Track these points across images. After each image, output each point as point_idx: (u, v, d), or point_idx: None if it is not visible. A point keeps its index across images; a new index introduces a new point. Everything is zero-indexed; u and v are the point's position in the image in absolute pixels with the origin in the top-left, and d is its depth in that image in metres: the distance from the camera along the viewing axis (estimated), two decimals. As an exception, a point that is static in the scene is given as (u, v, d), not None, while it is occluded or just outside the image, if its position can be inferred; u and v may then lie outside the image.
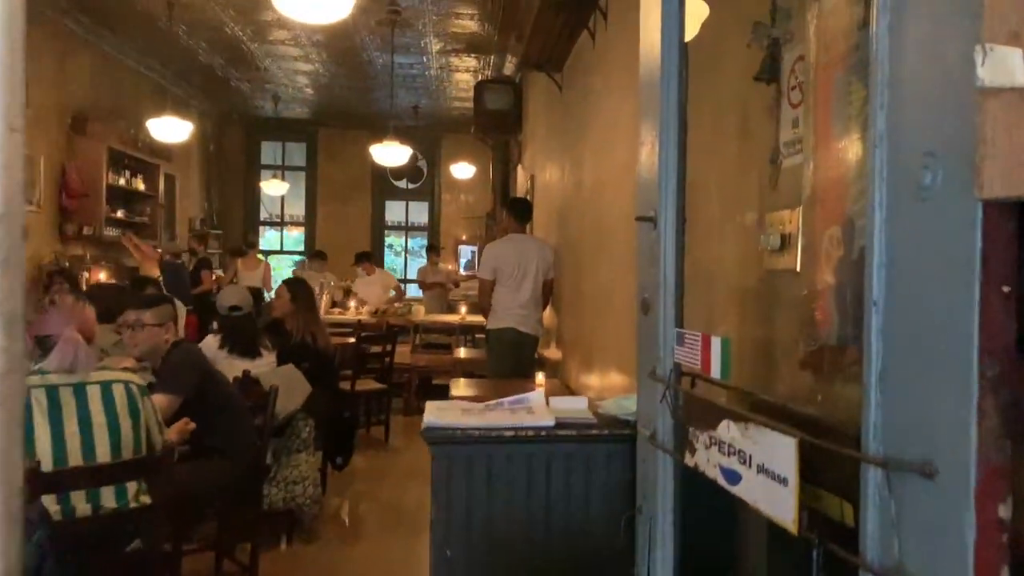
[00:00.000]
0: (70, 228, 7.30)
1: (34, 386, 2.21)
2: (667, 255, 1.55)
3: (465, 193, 12.28)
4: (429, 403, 1.98)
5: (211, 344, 4.18)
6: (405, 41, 7.69)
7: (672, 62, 1.52)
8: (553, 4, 4.07)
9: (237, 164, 12.12)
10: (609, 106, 3.65)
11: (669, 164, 1.54)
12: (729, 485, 1.23)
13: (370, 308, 8.25)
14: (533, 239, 5.45)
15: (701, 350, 1.43)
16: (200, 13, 7.02)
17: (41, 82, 6.80)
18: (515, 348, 4.93)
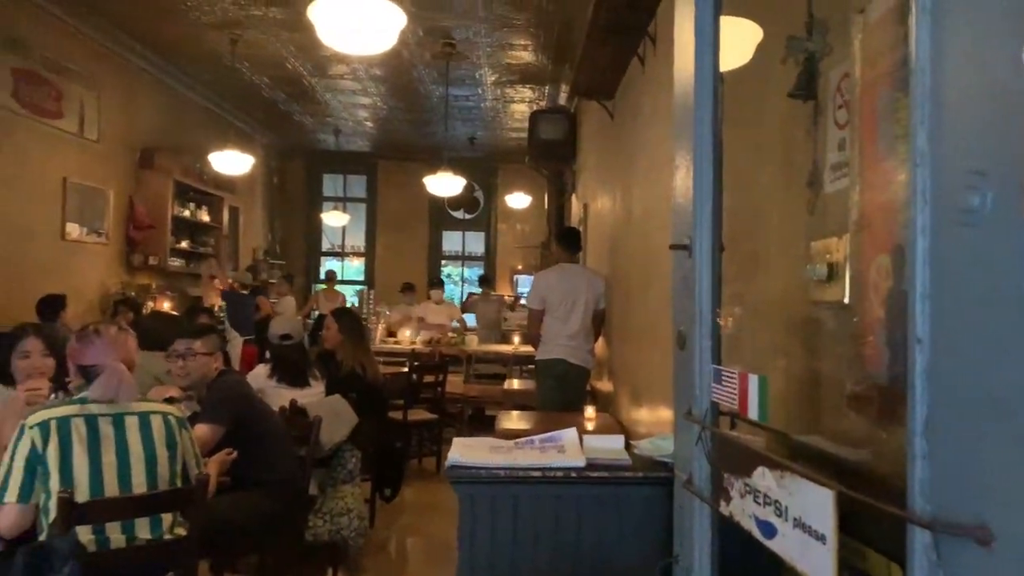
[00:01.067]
0: (136, 259, 7.53)
1: (74, 415, 2.22)
2: (703, 285, 1.45)
3: (520, 223, 12.28)
4: (456, 440, 1.91)
5: (260, 374, 4.21)
6: (460, 73, 7.76)
7: (706, 84, 1.44)
8: (602, 31, 4.02)
9: (299, 196, 12.40)
10: (657, 132, 3.56)
11: (704, 189, 1.45)
12: (764, 538, 1.12)
13: (424, 338, 8.25)
14: (583, 269, 5.36)
15: (739, 389, 1.32)
16: (262, 49, 7.22)
17: (111, 118, 7.08)
18: (564, 380, 4.83)
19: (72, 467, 2.15)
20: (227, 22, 6.52)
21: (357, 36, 3.30)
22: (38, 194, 6.14)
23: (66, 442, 2.15)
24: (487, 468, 1.70)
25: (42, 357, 3.01)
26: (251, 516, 3.04)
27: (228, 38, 6.84)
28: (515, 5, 6.01)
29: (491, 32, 6.63)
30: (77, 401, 2.26)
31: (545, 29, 6.50)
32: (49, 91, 6.21)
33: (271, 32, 6.75)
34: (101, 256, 7.08)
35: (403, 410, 5.80)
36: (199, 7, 6.21)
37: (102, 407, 2.27)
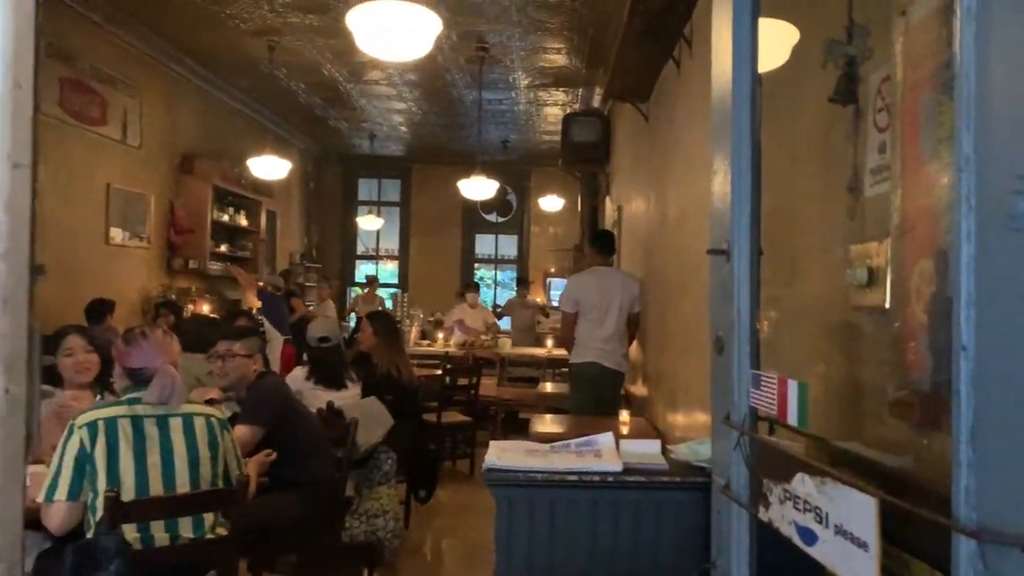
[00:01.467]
0: (177, 262, 7.68)
1: (120, 416, 2.28)
2: (741, 290, 1.45)
3: (554, 225, 12.29)
4: (492, 443, 1.92)
5: (298, 375, 4.27)
6: (494, 77, 7.79)
7: (744, 87, 1.44)
8: (637, 34, 4.02)
9: (335, 200, 12.54)
10: (692, 135, 3.55)
11: (742, 193, 1.45)
12: (804, 545, 1.11)
13: (458, 340, 8.29)
14: (617, 272, 5.35)
15: (778, 394, 1.32)
16: (299, 56, 7.32)
17: (152, 125, 7.24)
18: (598, 383, 4.82)
19: (119, 467, 2.21)
20: (265, 29, 6.63)
21: (394, 42, 3.34)
22: (83, 199, 6.29)
23: (113, 442, 2.21)
24: (524, 471, 1.71)
25: (85, 353, 3.10)
26: (289, 516, 3.09)
27: (266, 45, 6.95)
28: (549, 9, 6.02)
29: (524, 36, 6.65)
30: (124, 402, 2.32)
31: (579, 32, 6.49)
32: (94, 99, 6.37)
33: (308, 39, 6.85)
34: (143, 260, 7.23)
35: (437, 412, 5.83)
36: (238, 15, 6.32)
37: (147, 408, 2.32)
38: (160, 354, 2.42)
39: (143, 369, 2.37)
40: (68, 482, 2.19)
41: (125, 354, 2.41)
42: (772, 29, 1.70)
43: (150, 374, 2.33)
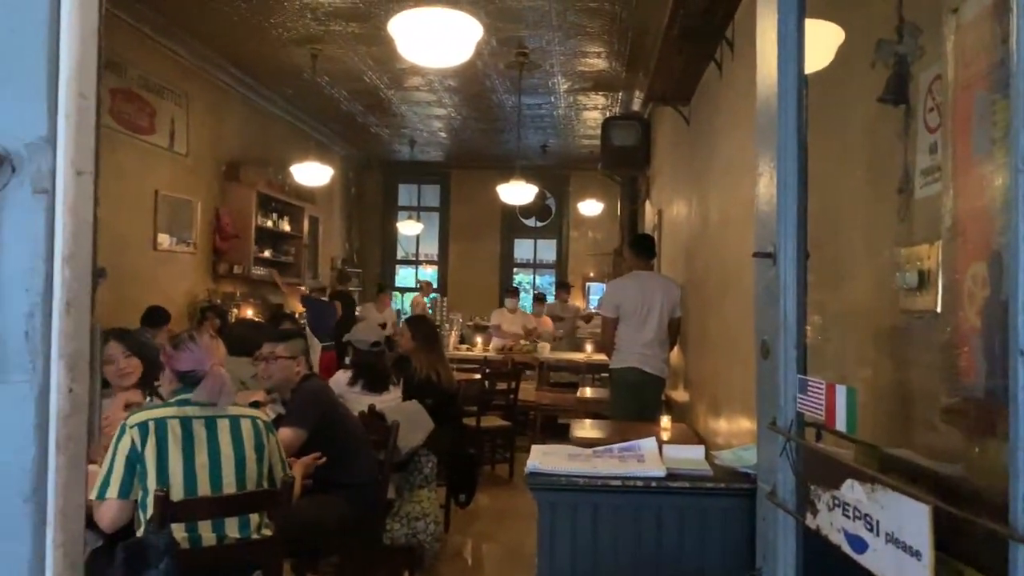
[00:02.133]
0: (222, 267, 7.83)
1: (170, 417, 2.33)
2: (787, 294, 1.43)
3: (593, 230, 12.25)
4: (534, 447, 1.92)
5: (340, 380, 4.32)
6: (533, 82, 7.80)
7: (790, 89, 1.42)
8: (678, 37, 3.99)
9: (376, 206, 12.67)
10: (734, 138, 3.51)
11: (788, 196, 1.43)
12: (854, 553, 1.09)
13: (496, 345, 8.31)
14: (658, 276, 5.32)
15: (826, 400, 1.30)
16: (341, 64, 7.42)
17: (199, 133, 7.40)
18: (639, 389, 4.78)
19: (168, 466, 2.26)
20: (308, 38, 6.73)
21: (435, 49, 3.37)
22: (132, 206, 6.46)
23: (163, 442, 2.26)
24: (567, 475, 1.70)
25: (125, 359, 3.16)
26: (332, 518, 3.13)
27: (309, 53, 7.05)
28: (588, 13, 6.02)
29: (564, 40, 6.65)
30: (174, 404, 2.37)
31: (619, 36, 6.47)
32: (143, 108, 6.54)
33: (349, 47, 6.94)
34: (189, 265, 7.39)
35: (476, 417, 5.85)
36: (282, 24, 6.43)
37: (196, 410, 2.37)
38: (209, 357, 2.48)
39: (193, 371, 2.42)
40: (119, 481, 2.24)
41: (174, 357, 2.46)
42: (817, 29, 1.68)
43: (199, 376, 2.39)
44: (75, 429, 0.69)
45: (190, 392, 2.39)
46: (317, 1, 5.93)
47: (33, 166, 0.66)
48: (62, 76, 0.66)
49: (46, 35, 0.65)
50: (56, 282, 0.65)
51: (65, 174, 0.67)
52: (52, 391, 0.67)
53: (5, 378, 0.66)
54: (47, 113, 0.66)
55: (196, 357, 2.43)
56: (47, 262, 0.65)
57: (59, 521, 0.65)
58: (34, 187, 0.67)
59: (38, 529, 0.65)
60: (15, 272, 0.64)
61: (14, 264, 0.64)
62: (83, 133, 0.67)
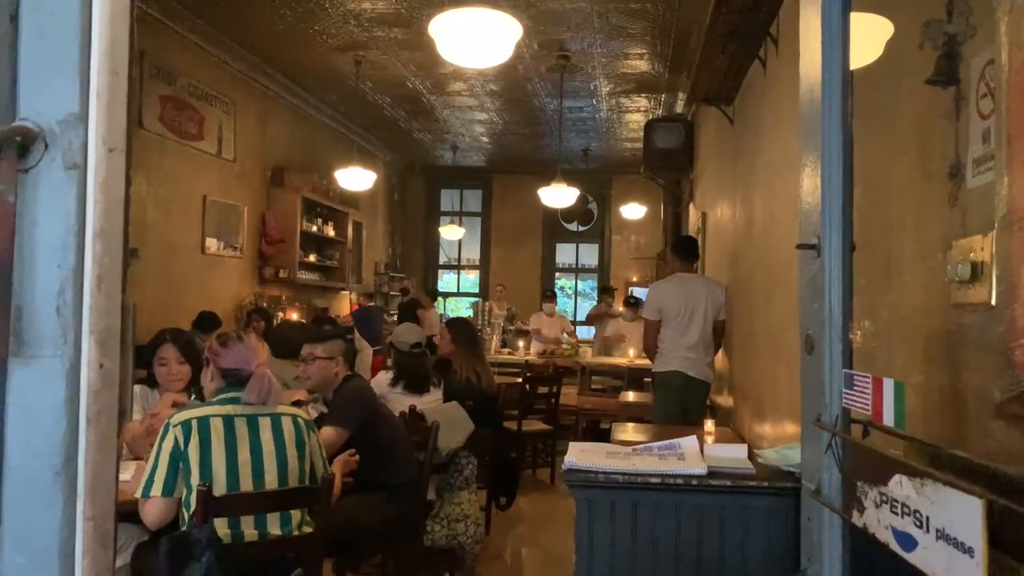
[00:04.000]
0: (268, 271, 7.96)
1: (213, 416, 2.36)
2: (832, 286, 1.39)
3: (636, 234, 12.16)
4: (572, 444, 1.90)
5: (382, 380, 4.34)
6: (575, 85, 7.79)
7: (835, 73, 1.38)
8: (722, 35, 3.94)
9: (418, 211, 12.77)
10: (780, 136, 3.45)
11: (833, 185, 1.39)
12: (903, 551, 1.05)
13: (538, 349, 8.29)
14: (702, 278, 5.24)
15: (872, 394, 1.25)
16: (385, 70, 7.50)
17: (246, 139, 7.55)
18: (683, 393, 4.71)
19: (211, 464, 2.29)
20: (352, 44, 6.82)
21: (475, 49, 3.38)
22: (182, 211, 6.60)
23: (205, 440, 2.29)
24: (605, 472, 1.68)
25: (178, 365, 3.23)
26: (374, 518, 3.14)
27: (353, 59, 7.15)
28: (631, 15, 5.98)
29: (606, 43, 6.62)
30: (217, 403, 2.40)
31: (661, 37, 6.42)
32: (192, 116, 6.69)
33: (393, 52, 7.01)
34: (236, 269, 7.52)
35: (517, 420, 5.83)
36: (326, 31, 6.53)
37: (239, 408, 2.40)
38: (254, 356, 2.51)
39: (237, 370, 2.45)
40: (163, 478, 2.28)
41: (220, 355, 2.49)
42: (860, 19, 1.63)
43: (245, 375, 2.42)
44: (106, 404, 0.69)
45: (232, 391, 2.42)
46: (361, 8, 6.01)
47: (65, 142, 0.67)
48: (94, 54, 0.66)
49: (79, 13, 0.65)
50: (87, 258, 0.66)
51: (97, 150, 0.67)
52: (83, 366, 0.67)
53: (37, 352, 0.66)
54: (79, 90, 0.66)
55: (241, 356, 2.47)
56: (78, 237, 0.66)
57: (89, 494, 0.66)
58: (66, 163, 0.67)
59: (69, 501, 0.66)
60: (47, 247, 0.65)
61: (46, 239, 0.65)
62: (115, 110, 0.68)
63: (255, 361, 2.48)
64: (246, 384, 2.41)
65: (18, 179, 0.66)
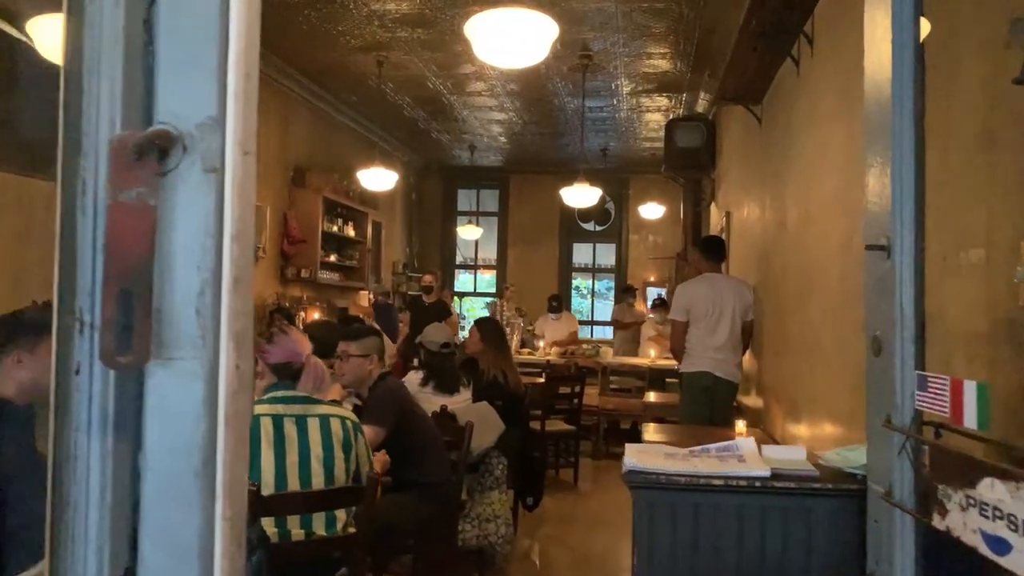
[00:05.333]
0: (290, 271, 7.98)
1: (263, 415, 2.36)
2: (904, 287, 1.37)
3: (654, 234, 12.12)
4: (629, 446, 1.89)
5: (413, 380, 4.34)
6: (596, 85, 7.77)
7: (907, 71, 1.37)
8: (755, 33, 3.91)
9: (435, 211, 12.78)
10: (816, 135, 3.43)
11: (905, 184, 1.37)
12: (995, 555, 1.04)
13: (559, 349, 8.29)
14: (729, 278, 5.22)
15: (951, 397, 1.24)
16: (405, 70, 7.51)
17: (268, 140, 7.57)
18: (710, 394, 4.70)
19: (260, 464, 2.29)
20: (374, 45, 6.83)
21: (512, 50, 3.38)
22: (206, 211, 6.63)
23: (256, 440, 2.30)
24: (667, 474, 1.67)
25: None
26: (410, 517, 3.15)
27: (375, 60, 7.16)
28: (655, 13, 5.96)
29: (629, 42, 6.60)
30: (267, 401, 2.40)
31: (685, 36, 6.40)
32: (216, 116, 6.71)
33: (414, 52, 7.01)
34: (258, 269, 7.55)
35: (540, 421, 5.83)
36: (349, 32, 6.54)
37: (288, 407, 2.40)
38: (302, 347, 2.51)
39: (288, 363, 2.45)
40: None
41: (268, 352, 2.49)
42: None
43: (295, 368, 2.42)
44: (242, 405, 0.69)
45: (282, 388, 2.42)
46: (385, 8, 6.01)
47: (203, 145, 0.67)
48: (231, 56, 0.66)
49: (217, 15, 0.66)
50: (225, 260, 0.66)
51: (233, 154, 0.67)
52: (221, 368, 0.67)
53: (176, 354, 0.67)
54: (217, 93, 0.66)
55: (289, 349, 2.47)
56: (216, 240, 0.66)
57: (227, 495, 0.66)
58: (205, 167, 0.67)
59: (208, 502, 0.66)
60: (186, 250, 0.65)
61: (185, 242, 0.65)
62: (249, 113, 0.68)
63: (304, 352, 2.49)
64: (297, 378, 2.41)
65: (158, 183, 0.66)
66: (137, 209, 0.66)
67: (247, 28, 0.68)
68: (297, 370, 2.43)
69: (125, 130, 0.67)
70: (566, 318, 9.22)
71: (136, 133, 0.66)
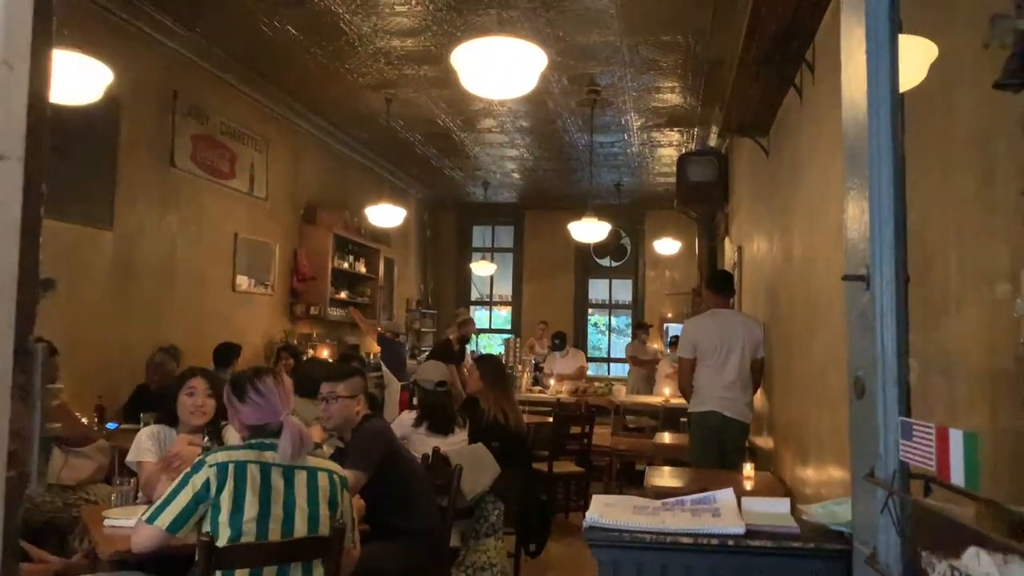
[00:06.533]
0: (299, 308, 7.92)
1: (251, 461, 2.23)
2: (885, 321, 1.23)
3: (670, 269, 11.96)
4: (595, 497, 1.74)
5: (405, 420, 4.21)
6: (606, 120, 7.71)
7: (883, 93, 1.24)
8: (755, 62, 3.81)
9: (450, 247, 12.74)
10: (818, 166, 3.29)
11: (883, 209, 1.24)
12: (983, 640, 0.88)
13: (569, 387, 8.12)
14: (738, 314, 5.05)
15: (936, 447, 1.09)
16: (415, 107, 7.51)
17: (278, 177, 7.57)
18: (720, 434, 4.51)
19: (243, 512, 2.16)
20: (383, 82, 6.83)
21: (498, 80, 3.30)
22: (213, 248, 6.61)
23: (240, 487, 2.17)
24: (631, 531, 1.52)
25: (205, 397, 3.14)
26: (395, 566, 2.98)
27: (384, 98, 7.16)
28: (661, 47, 5.90)
29: (637, 76, 6.54)
30: (255, 447, 2.27)
31: (693, 70, 6.32)
32: (224, 154, 6.73)
33: (423, 90, 7.01)
34: (266, 306, 7.50)
35: (548, 462, 5.64)
36: (357, 69, 6.54)
37: (276, 456, 2.27)
38: (283, 405, 2.38)
39: (265, 424, 2.34)
40: (175, 515, 2.14)
41: (241, 412, 2.37)
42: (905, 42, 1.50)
43: (272, 428, 2.30)
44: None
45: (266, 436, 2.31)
46: (390, 46, 6.01)
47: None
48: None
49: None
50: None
51: None
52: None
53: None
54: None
55: (264, 409, 2.34)
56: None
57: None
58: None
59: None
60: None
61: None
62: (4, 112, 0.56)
63: (282, 411, 2.35)
64: (275, 435, 2.29)
65: None
66: None
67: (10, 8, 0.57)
68: (275, 430, 2.30)
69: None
70: (572, 354, 9.11)
71: None
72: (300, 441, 2.30)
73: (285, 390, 2.45)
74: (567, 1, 5.13)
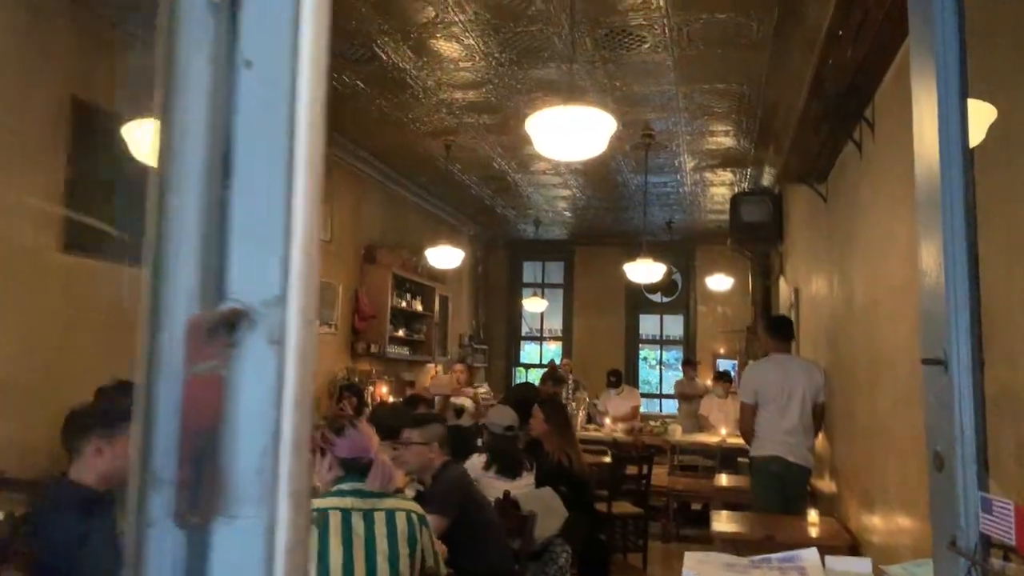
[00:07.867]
0: (360, 346, 8.17)
1: (332, 508, 2.39)
2: (963, 405, 1.34)
3: (722, 305, 11.94)
4: (688, 554, 1.86)
5: (476, 464, 4.34)
6: (659, 162, 7.85)
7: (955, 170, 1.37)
8: (815, 118, 3.93)
9: (501, 283, 12.94)
10: (880, 219, 3.39)
11: (959, 294, 1.36)
12: None
13: (625, 426, 8.18)
14: (799, 359, 5.11)
15: (1015, 524, 1.20)
16: (472, 152, 7.76)
17: (342, 220, 7.87)
18: (782, 479, 4.55)
19: (328, 559, 2.31)
20: (443, 130, 7.10)
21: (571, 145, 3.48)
22: (281, 291, 6.88)
23: (324, 533, 2.33)
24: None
25: None
26: (471, 608, 3.12)
27: (443, 144, 7.43)
28: (716, 94, 6.04)
29: (691, 121, 6.69)
30: (335, 494, 2.44)
31: (747, 114, 6.45)
32: (293, 200, 7.03)
33: (481, 136, 7.26)
34: (331, 345, 7.75)
35: (607, 502, 5.71)
36: (419, 119, 6.82)
37: (355, 501, 2.43)
38: (371, 442, 2.55)
39: (357, 458, 2.49)
40: None
41: (337, 445, 2.53)
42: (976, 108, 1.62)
43: (363, 463, 2.46)
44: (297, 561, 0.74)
45: (349, 481, 2.46)
46: (453, 97, 6.27)
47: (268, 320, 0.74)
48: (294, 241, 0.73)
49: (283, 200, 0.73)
50: (285, 425, 0.72)
51: (296, 325, 0.73)
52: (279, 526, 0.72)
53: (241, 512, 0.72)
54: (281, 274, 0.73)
55: (358, 444, 2.50)
56: (277, 406, 0.72)
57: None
58: (268, 339, 0.74)
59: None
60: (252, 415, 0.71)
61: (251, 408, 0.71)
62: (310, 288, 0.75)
63: (372, 448, 2.53)
64: (365, 472, 2.45)
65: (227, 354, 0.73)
66: (209, 380, 0.73)
67: (310, 213, 0.75)
68: (365, 465, 2.46)
69: (199, 308, 0.75)
70: (628, 392, 9.14)
71: (209, 313, 0.73)
72: (389, 475, 2.46)
73: (372, 433, 2.64)
74: (626, 55, 5.33)
